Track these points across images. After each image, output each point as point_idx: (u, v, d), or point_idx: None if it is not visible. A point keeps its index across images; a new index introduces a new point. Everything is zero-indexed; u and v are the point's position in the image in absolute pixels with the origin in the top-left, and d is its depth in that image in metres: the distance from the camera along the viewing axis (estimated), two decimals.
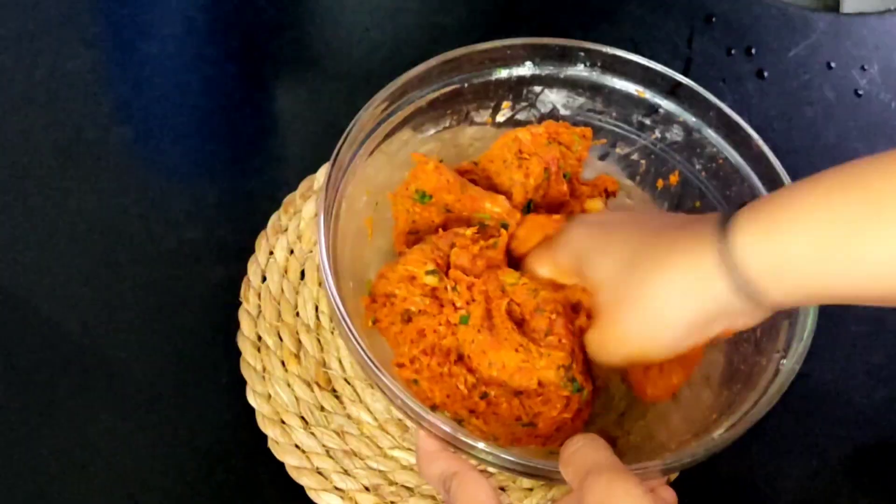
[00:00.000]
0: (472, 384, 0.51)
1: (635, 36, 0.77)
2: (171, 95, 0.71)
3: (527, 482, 0.58)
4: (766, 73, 0.76)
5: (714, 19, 0.78)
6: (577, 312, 0.54)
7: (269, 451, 0.57)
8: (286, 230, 0.64)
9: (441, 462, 0.47)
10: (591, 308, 0.52)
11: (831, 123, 0.75)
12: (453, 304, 0.52)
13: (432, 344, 0.52)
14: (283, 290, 0.62)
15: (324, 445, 0.58)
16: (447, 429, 0.47)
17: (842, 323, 0.66)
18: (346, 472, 0.57)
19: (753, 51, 0.77)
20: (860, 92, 0.76)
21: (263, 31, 0.75)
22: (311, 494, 0.56)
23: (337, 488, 0.56)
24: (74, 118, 0.69)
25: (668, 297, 0.47)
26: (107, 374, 0.59)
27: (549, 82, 0.60)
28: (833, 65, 0.77)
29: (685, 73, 0.73)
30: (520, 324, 0.53)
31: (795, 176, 0.52)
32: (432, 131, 0.60)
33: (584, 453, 0.45)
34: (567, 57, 0.59)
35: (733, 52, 0.77)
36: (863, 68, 0.77)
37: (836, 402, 0.63)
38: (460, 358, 0.52)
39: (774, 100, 0.75)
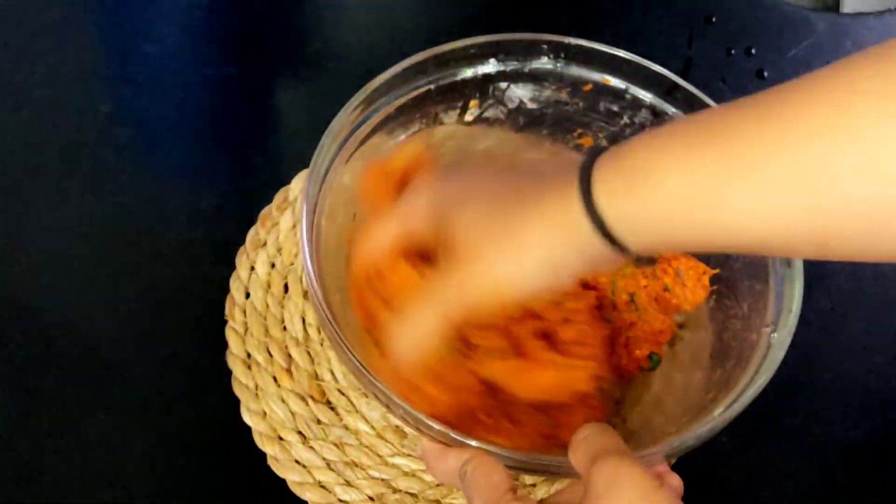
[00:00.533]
0: (500, 411, 0.51)
1: (635, 36, 0.77)
2: (171, 95, 0.71)
3: (529, 479, 0.58)
4: (766, 73, 0.76)
5: (714, 19, 0.78)
6: (602, 313, 0.54)
7: (269, 468, 0.57)
8: (265, 244, 0.64)
9: (453, 454, 0.48)
10: (451, 252, 0.49)
11: None
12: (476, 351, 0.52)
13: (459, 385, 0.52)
14: (268, 305, 0.62)
15: (324, 458, 0.57)
16: (444, 430, 0.47)
17: (842, 322, 0.66)
18: (348, 484, 0.57)
19: (753, 51, 0.77)
20: None
21: (263, 31, 0.75)
22: None
23: (341, 501, 0.56)
24: (74, 118, 0.69)
25: (531, 238, 0.46)
26: (106, 376, 0.59)
27: (514, 77, 0.60)
28: None
29: (685, 73, 0.74)
30: (547, 336, 0.53)
31: None
32: (403, 136, 0.59)
33: (592, 439, 0.45)
34: (530, 51, 0.59)
35: (733, 52, 0.77)
36: None
37: (836, 402, 0.63)
38: (491, 387, 0.52)
39: None
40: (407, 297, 0.50)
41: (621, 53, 0.58)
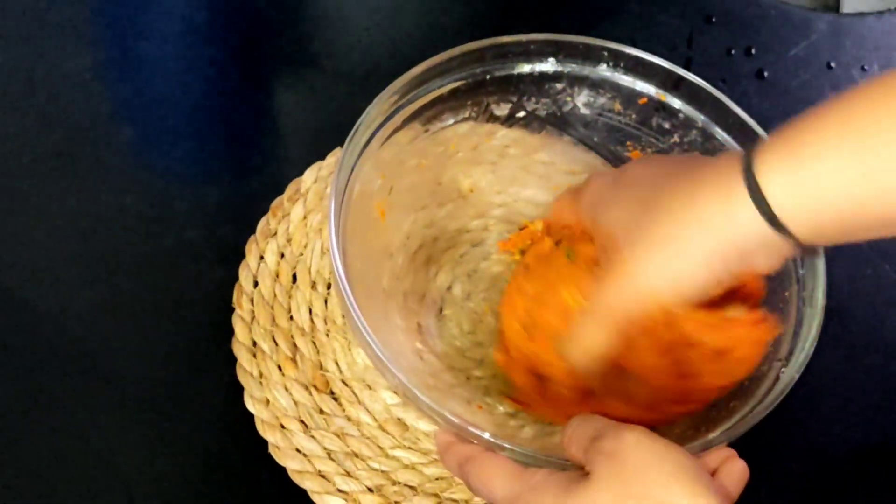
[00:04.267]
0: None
1: (635, 35, 0.77)
2: (171, 95, 0.71)
3: None
4: (766, 73, 0.76)
5: (714, 19, 0.78)
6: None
7: (270, 456, 0.57)
8: (275, 234, 0.64)
9: (456, 450, 0.48)
10: (603, 259, 0.49)
11: None
12: None
13: None
14: (275, 295, 0.62)
15: (325, 448, 0.58)
16: (456, 421, 0.47)
17: (842, 323, 0.66)
18: (348, 474, 0.57)
19: (753, 51, 0.77)
20: None
21: (263, 31, 0.75)
22: (315, 498, 0.56)
23: (340, 490, 0.56)
24: (74, 118, 0.68)
25: (688, 230, 0.45)
26: (106, 375, 0.59)
27: (571, 80, 0.60)
28: (833, 65, 0.77)
29: None
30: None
31: None
32: (451, 121, 0.59)
33: (581, 429, 0.45)
34: (590, 56, 0.59)
35: (733, 52, 0.77)
36: (863, 68, 0.77)
37: (836, 403, 0.63)
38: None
39: (774, 100, 0.75)
40: (571, 321, 0.50)
41: (680, 71, 0.58)
